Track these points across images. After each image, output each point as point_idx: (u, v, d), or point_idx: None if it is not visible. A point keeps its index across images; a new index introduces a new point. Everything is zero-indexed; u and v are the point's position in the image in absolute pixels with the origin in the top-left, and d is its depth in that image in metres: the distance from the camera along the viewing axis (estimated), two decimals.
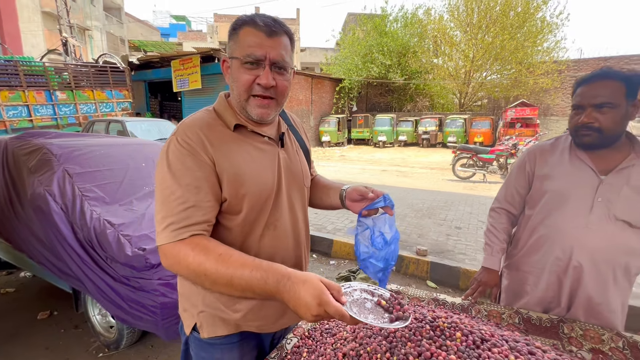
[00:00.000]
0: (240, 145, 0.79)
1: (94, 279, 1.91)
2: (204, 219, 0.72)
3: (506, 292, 1.35)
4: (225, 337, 0.86)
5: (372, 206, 0.88)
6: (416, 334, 0.74)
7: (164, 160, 0.74)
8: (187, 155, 0.72)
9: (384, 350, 0.73)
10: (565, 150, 1.21)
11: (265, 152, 0.83)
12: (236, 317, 0.84)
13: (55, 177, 2.24)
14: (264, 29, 0.73)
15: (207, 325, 0.85)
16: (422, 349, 0.67)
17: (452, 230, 3.97)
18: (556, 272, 1.17)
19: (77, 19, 20.24)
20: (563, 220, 1.15)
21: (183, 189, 0.71)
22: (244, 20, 0.75)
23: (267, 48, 0.73)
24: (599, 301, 1.12)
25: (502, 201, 1.37)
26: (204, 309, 0.84)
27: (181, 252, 0.68)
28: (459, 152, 7.88)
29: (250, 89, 0.76)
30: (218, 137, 0.77)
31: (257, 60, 0.73)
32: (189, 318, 0.88)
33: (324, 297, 0.58)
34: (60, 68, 9.88)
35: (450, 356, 0.63)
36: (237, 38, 0.75)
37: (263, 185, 0.80)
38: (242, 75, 0.75)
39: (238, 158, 0.77)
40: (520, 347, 0.68)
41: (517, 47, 15.22)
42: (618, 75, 1.05)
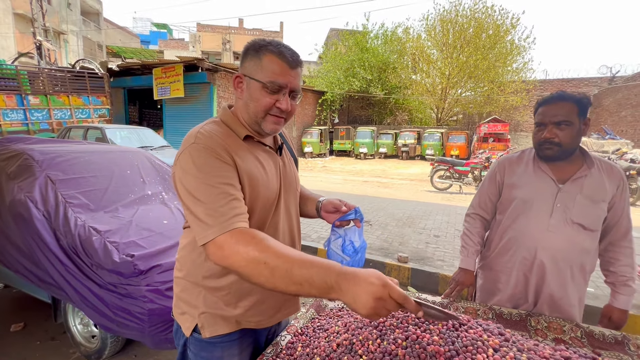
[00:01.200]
0: (251, 153, 0.86)
1: (78, 286, 1.88)
2: (245, 210, 0.76)
3: (481, 291, 1.48)
4: (226, 335, 0.90)
5: (344, 218, 0.98)
6: (403, 322, 0.83)
7: (191, 166, 0.75)
8: (213, 157, 0.76)
9: (375, 337, 0.81)
10: (529, 161, 1.36)
11: (268, 160, 0.91)
12: (238, 313, 0.89)
13: (37, 183, 2.20)
14: (288, 61, 0.81)
15: (208, 325, 0.88)
16: (409, 333, 0.76)
17: (431, 239, 4.14)
18: (523, 271, 1.31)
19: (52, 23, 19.60)
20: (528, 224, 1.29)
21: (221, 185, 0.74)
22: (269, 48, 0.81)
23: (290, 78, 0.82)
24: (560, 296, 1.26)
25: (476, 207, 1.51)
26: (205, 309, 0.88)
27: (240, 241, 0.68)
28: (436, 164, 8.22)
29: (269, 110, 0.84)
30: (234, 145, 0.83)
31: (280, 87, 0.82)
32: (188, 320, 0.90)
33: (387, 280, 0.59)
34: (34, 72, 9.53)
35: (433, 337, 0.72)
36: (259, 61, 0.81)
37: (271, 189, 0.88)
38: (264, 99, 0.82)
39: (251, 164, 0.84)
40: (492, 329, 0.78)
41: (489, 67, 16.19)
42: (571, 98, 1.22)
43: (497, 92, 16.49)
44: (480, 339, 0.71)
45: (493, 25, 16.35)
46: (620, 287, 1.26)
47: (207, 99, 11.05)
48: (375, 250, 3.65)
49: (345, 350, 0.83)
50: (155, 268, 1.81)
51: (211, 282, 0.88)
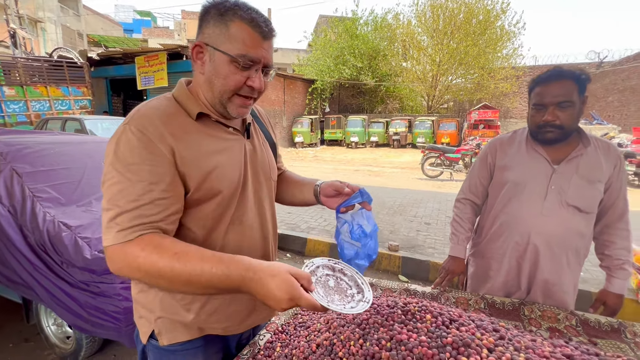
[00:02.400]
0: (204, 137, 0.73)
1: (48, 286, 1.76)
2: (158, 219, 0.65)
3: (472, 279, 1.42)
4: (187, 343, 0.80)
5: (349, 202, 0.87)
6: (388, 319, 0.75)
7: (113, 152, 0.65)
8: (142, 147, 0.64)
9: (357, 337, 0.73)
10: (522, 142, 1.28)
11: (230, 144, 0.77)
12: (199, 319, 0.78)
13: (1, 176, 2.04)
14: (262, 30, 0.68)
15: (166, 332, 0.78)
16: (394, 333, 0.68)
17: (422, 226, 4.10)
18: (516, 257, 1.25)
19: (27, 9, 18.64)
20: (521, 208, 1.22)
21: (135, 185, 0.63)
22: (237, 13, 0.67)
23: (263, 51, 0.69)
24: (554, 283, 1.21)
25: (467, 192, 1.43)
26: (161, 314, 0.77)
27: (129, 253, 0.61)
28: (427, 152, 8.19)
29: (238, 89, 0.71)
30: (180, 128, 0.70)
31: (252, 61, 0.69)
32: (145, 325, 0.80)
33: (296, 292, 0.57)
34: (9, 62, 9.06)
35: (420, 337, 0.64)
36: (226, 29, 0.67)
37: (229, 180, 0.75)
38: (233, 76, 0.69)
39: (202, 150, 0.71)
40: (486, 325, 0.71)
41: (479, 53, 16.11)
42: (571, 75, 1.13)
43: (487, 78, 16.48)
44: (473, 337, 0.63)
45: (483, 11, 16.20)
46: (616, 271, 1.21)
47: None
48: None
49: (325, 351, 0.75)
50: None
51: None
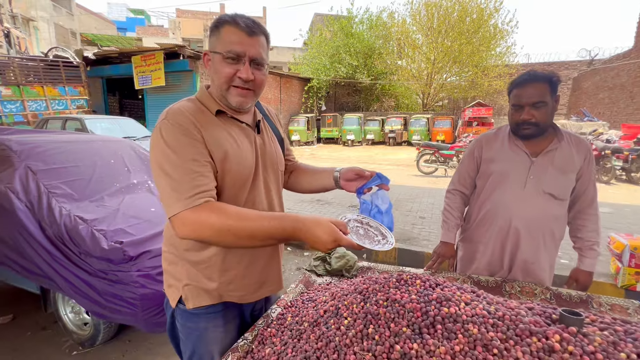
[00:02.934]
0: (221, 128, 0.86)
1: (67, 275, 1.88)
2: (211, 186, 0.79)
3: (461, 262, 1.56)
4: (209, 307, 0.93)
5: (369, 184, 1.01)
6: (385, 286, 0.88)
7: (160, 142, 0.79)
8: (181, 134, 0.79)
9: (359, 301, 0.87)
10: (505, 138, 1.43)
11: (242, 136, 0.90)
12: (218, 286, 0.91)
13: (16, 174, 2.15)
14: (244, 29, 0.81)
15: (192, 297, 0.91)
16: (390, 294, 0.82)
17: (417, 220, 4.26)
18: (500, 239, 1.39)
19: (19, 8, 18.48)
20: (504, 195, 1.37)
21: (187, 162, 0.77)
22: (225, 20, 0.83)
23: (247, 46, 0.82)
24: (532, 261, 1.35)
25: (456, 184, 1.58)
26: (188, 282, 0.91)
27: (202, 215, 0.74)
28: (422, 149, 8.36)
29: (230, 81, 0.84)
30: (205, 120, 0.84)
31: (237, 55, 0.82)
32: (174, 292, 0.94)
33: (337, 235, 0.73)
34: (5, 62, 9.05)
35: (411, 296, 0.78)
36: (219, 35, 0.83)
37: (244, 164, 0.88)
38: (224, 69, 0.83)
39: (222, 139, 0.84)
40: (465, 288, 0.85)
41: (473, 51, 16.31)
42: (543, 78, 1.27)
43: (481, 76, 16.69)
44: (453, 294, 0.77)
45: (477, 9, 16.38)
46: (587, 251, 1.36)
47: (189, 88, 10.78)
48: None
49: (331, 314, 0.89)
50: (145, 254, 1.83)
51: (191, 255, 0.91)
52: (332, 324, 0.84)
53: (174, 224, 0.76)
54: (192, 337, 0.95)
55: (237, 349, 0.91)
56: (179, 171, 0.76)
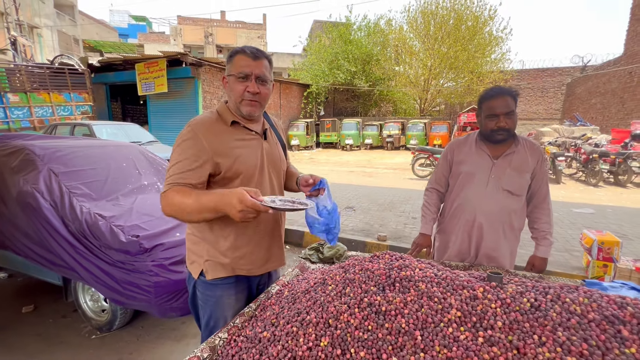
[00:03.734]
0: (235, 136, 1.12)
1: (88, 266, 2.10)
2: (194, 182, 1.04)
3: (437, 251, 1.79)
4: (224, 279, 1.17)
5: (313, 189, 1.25)
6: (361, 262, 1.11)
7: (178, 140, 1.08)
8: (193, 139, 1.06)
9: (341, 273, 1.10)
10: (472, 142, 1.66)
11: (251, 142, 1.16)
12: (232, 261, 1.15)
13: (40, 175, 2.38)
14: (250, 55, 1.09)
15: (211, 270, 1.16)
16: (364, 266, 1.04)
17: (409, 220, 4.49)
18: (467, 231, 1.62)
19: (24, 16, 18.85)
20: (470, 192, 1.60)
21: (186, 159, 1.04)
22: (237, 51, 1.12)
23: (253, 67, 1.09)
24: (494, 249, 1.58)
25: (433, 183, 1.81)
26: (208, 258, 1.15)
27: (168, 196, 1.01)
28: (417, 153, 8.61)
29: (242, 95, 1.10)
30: (219, 130, 1.10)
31: (246, 75, 1.08)
32: (197, 267, 1.18)
33: (244, 197, 0.89)
34: (12, 69, 9.33)
35: (380, 265, 1.01)
36: (232, 62, 1.11)
37: (251, 163, 1.13)
38: (237, 86, 1.10)
39: (233, 144, 1.11)
40: (423, 261, 1.08)
41: (468, 58, 16.66)
42: (509, 92, 1.51)
43: (477, 82, 17.02)
44: (411, 263, 1.00)
45: (472, 17, 16.77)
46: (541, 240, 1.59)
47: (192, 94, 11.05)
48: (357, 232, 3.96)
49: (319, 284, 1.11)
50: (159, 246, 2.05)
51: (210, 236, 1.15)
52: (319, 290, 1.07)
53: (160, 200, 1.04)
54: (209, 303, 1.19)
55: (244, 314, 1.14)
56: (178, 164, 1.04)
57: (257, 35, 31.17)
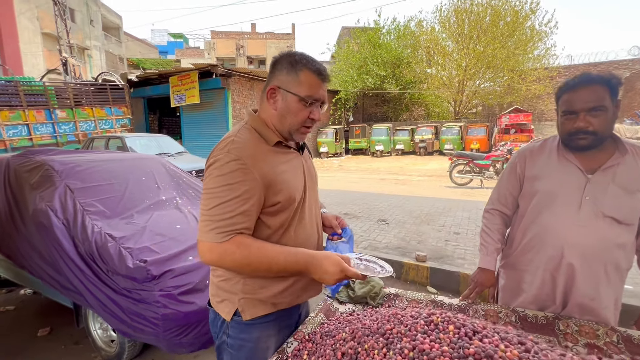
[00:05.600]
0: (279, 157, 0.94)
1: (95, 292, 1.92)
2: (246, 225, 0.86)
3: (503, 291, 1.38)
4: (263, 317, 0.98)
5: (334, 233, 1.12)
6: (411, 330, 0.76)
7: (215, 171, 0.85)
8: (237, 170, 0.84)
9: (381, 346, 0.75)
10: (553, 151, 1.25)
11: (294, 162, 0.99)
12: (273, 294, 0.97)
13: (56, 192, 2.27)
14: (322, 77, 0.92)
15: (248, 308, 0.96)
16: (417, 343, 0.69)
17: (451, 236, 3.99)
18: (550, 271, 1.20)
19: (76, 39, 20.62)
20: (553, 219, 1.19)
21: (234, 199, 0.83)
22: (305, 64, 0.90)
23: (323, 92, 0.93)
24: (592, 297, 1.15)
25: (496, 202, 1.41)
26: (244, 295, 0.96)
27: (228, 250, 0.83)
28: (455, 158, 7.97)
29: (304, 122, 0.94)
30: (264, 153, 0.91)
31: (316, 100, 0.92)
32: (228, 306, 0.97)
33: (344, 266, 0.83)
34: (61, 87, 10.03)
35: (442, 347, 0.66)
36: (296, 76, 0.89)
37: (299, 188, 0.97)
38: (301, 112, 0.91)
39: (280, 168, 0.92)
40: (511, 337, 0.71)
41: (508, 55, 15.56)
42: (600, 80, 1.10)
43: (518, 81, 15.82)
44: (496, 349, 0.63)
45: (511, 12, 15.70)
46: None
47: (222, 104, 11.25)
48: (392, 250, 3.55)
49: (348, 356, 0.78)
50: (168, 273, 1.82)
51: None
52: None
53: (200, 248, 0.86)
54: (244, 350, 0.98)
55: None
56: (224, 205, 0.83)
57: (286, 45, 31.73)
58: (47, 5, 15.92)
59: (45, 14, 18.68)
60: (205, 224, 0.85)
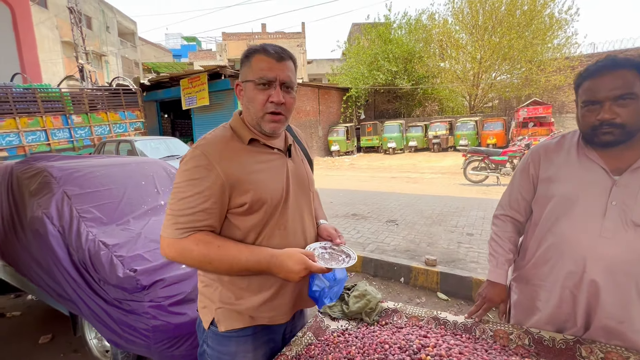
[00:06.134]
0: (253, 157, 0.90)
1: (88, 302, 1.88)
2: (207, 223, 0.83)
3: (516, 309, 1.22)
4: (240, 330, 0.93)
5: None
6: None
7: (182, 167, 0.85)
8: (204, 167, 0.82)
9: None
10: (572, 148, 1.09)
11: (275, 163, 0.93)
12: (251, 307, 0.91)
13: (53, 199, 2.25)
14: (274, 55, 0.86)
15: (224, 319, 0.92)
16: None
17: (464, 238, 3.79)
18: (569, 288, 1.04)
19: (93, 46, 21.27)
20: (572, 228, 1.03)
21: (196, 195, 0.81)
22: (254, 49, 0.88)
23: (277, 71, 0.86)
24: (621, 320, 0.98)
25: (506, 207, 1.25)
26: (220, 305, 0.92)
27: (186, 247, 0.81)
28: (469, 155, 7.67)
29: (264, 107, 0.87)
30: (233, 151, 0.88)
31: (269, 81, 0.85)
32: (207, 314, 0.95)
33: (308, 263, 0.81)
34: (77, 93, 10.30)
35: None
36: (249, 64, 0.88)
37: (274, 191, 0.90)
38: (258, 96, 0.87)
39: (252, 168, 0.88)
40: None
41: (525, 46, 14.94)
42: (628, 63, 0.93)
43: (537, 72, 15.17)
44: None
45: (528, 0, 15.04)
46: None
47: (231, 105, 11.29)
48: (400, 253, 3.39)
49: None
50: (158, 283, 1.75)
51: (225, 277, 0.91)
52: None
53: (161, 243, 0.84)
54: None
55: None
56: (185, 201, 0.82)
57: (296, 43, 31.67)
58: (65, 14, 16.44)
59: (64, 22, 19.31)
60: (167, 219, 0.84)
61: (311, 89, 16.15)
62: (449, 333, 1.10)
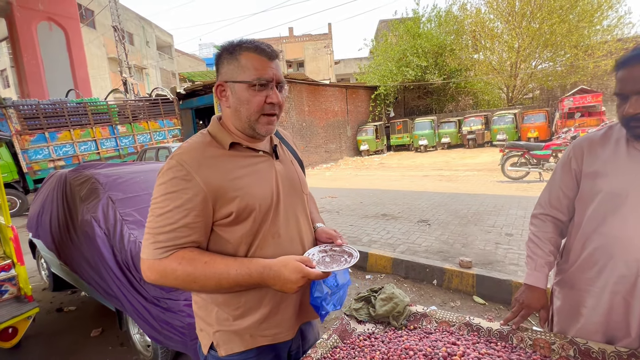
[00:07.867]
0: (236, 162, 0.83)
1: (131, 299, 2.01)
2: (190, 239, 0.76)
3: (559, 315, 1.13)
4: (242, 353, 0.86)
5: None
6: None
7: (159, 180, 0.78)
8: (182, 178, 0.76)
9: None
10: (620, 140, 0.98)
11: (260, 166, 0.87)
12: (250, 325, 0.85)
13: (100, 204, 2.44)
14: (266, 53, 0.80)
15: (223, 343, 0.86)
16: None
17: (502, 238, 3.56)
18: (621, 294, 0.94)
19: (135, 60, 22.88)
20: (623, 228, 0.93)
21: (175, 209, 0.75)
22: (242, 46, 0.80)
23: (273, 70, 0.81)
24: None
25: (546, 206, 1.16)
26: (218, 327, 0.86)
27: (168, 268, 0.74)
28: (507, 150, 7.22)
29: (261, 109, 0.81)
30: (213, 157, 0.81)
31: (266, 82, 0.80)
32: (205, 337, 0.89)
33: (305, 271, 0.74)
34: (121, 105, 11.16)
35: None
36: (237, 62, 0.80)
37: (262, 196, 0.83)
38: (254, 98, 0.80)
39: (235, 173, 0.81)
40: None
41: (570, 30, 13.81)
42: None
43: (584, 57, 13.94)
44: None
45: None
46: None
47: None
48: (432, 254, 3.27)
49: None
50: None
51: (219, 296, 0.85)
52: None
53: (142, 265, 0.77)
54: None
55: None
56: (163, 217, 0.75)
57: (323, 45, 31.80)
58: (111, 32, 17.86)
59: (109, 40, 20.96)
60: (146, 238, 0.76)
61: (339, 89, 16.12)
62: (482, 340, 1.04)
